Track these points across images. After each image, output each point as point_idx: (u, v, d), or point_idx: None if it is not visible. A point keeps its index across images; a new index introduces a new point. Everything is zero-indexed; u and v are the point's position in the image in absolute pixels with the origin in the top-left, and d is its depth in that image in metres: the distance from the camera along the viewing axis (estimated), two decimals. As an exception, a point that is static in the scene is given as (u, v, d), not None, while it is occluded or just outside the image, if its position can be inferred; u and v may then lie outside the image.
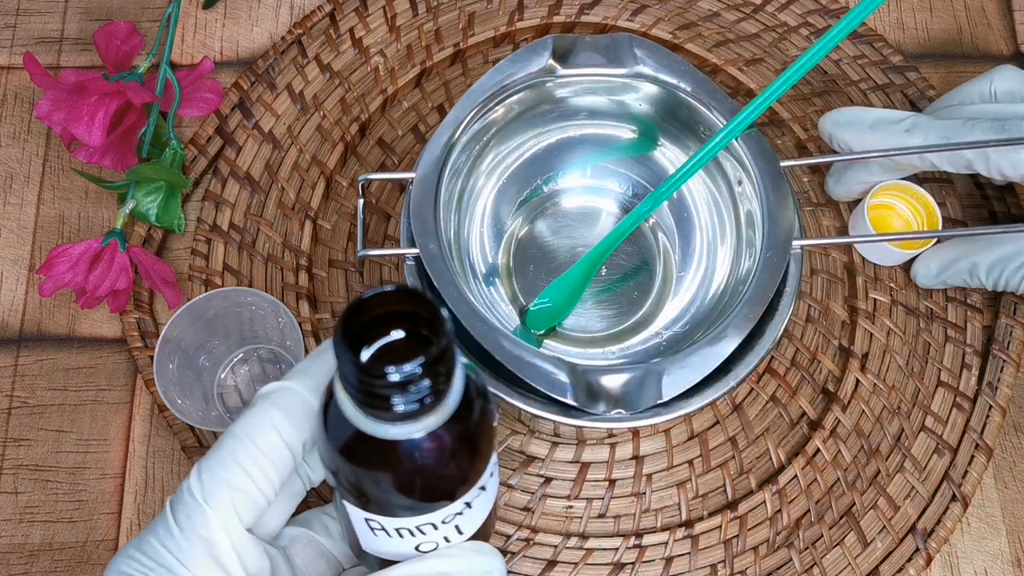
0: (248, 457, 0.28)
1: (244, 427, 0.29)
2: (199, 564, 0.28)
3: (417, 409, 0.25)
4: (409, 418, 0.25)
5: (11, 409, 0.49)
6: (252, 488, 0.29)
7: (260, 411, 0.29)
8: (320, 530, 0.33)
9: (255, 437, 0.29)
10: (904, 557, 0.47)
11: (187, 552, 0.28)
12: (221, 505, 0.28)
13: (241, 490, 0.28)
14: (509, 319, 0.47)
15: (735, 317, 0.41)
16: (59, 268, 0.48)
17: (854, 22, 0.38)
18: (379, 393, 0.25)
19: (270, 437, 0.29)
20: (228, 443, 0.29)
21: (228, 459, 0.28)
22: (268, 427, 0.29)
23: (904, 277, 0.52)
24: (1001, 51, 0.59)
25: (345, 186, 0.54)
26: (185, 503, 0.28)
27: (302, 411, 0.29)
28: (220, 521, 0.28)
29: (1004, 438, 0.51)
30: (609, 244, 0.46)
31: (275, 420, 0.29)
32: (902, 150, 0.45)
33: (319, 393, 0.29)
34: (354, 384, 0.25)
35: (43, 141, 0.55)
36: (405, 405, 0.25)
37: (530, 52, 0.45)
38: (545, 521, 0.48)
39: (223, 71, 0.57)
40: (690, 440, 0.49)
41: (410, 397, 0.25)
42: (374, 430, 0.26)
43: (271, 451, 0.29)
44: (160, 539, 0.28)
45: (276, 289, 0.51)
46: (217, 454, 0.29)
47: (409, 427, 0.26)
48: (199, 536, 0.28)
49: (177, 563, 0.28)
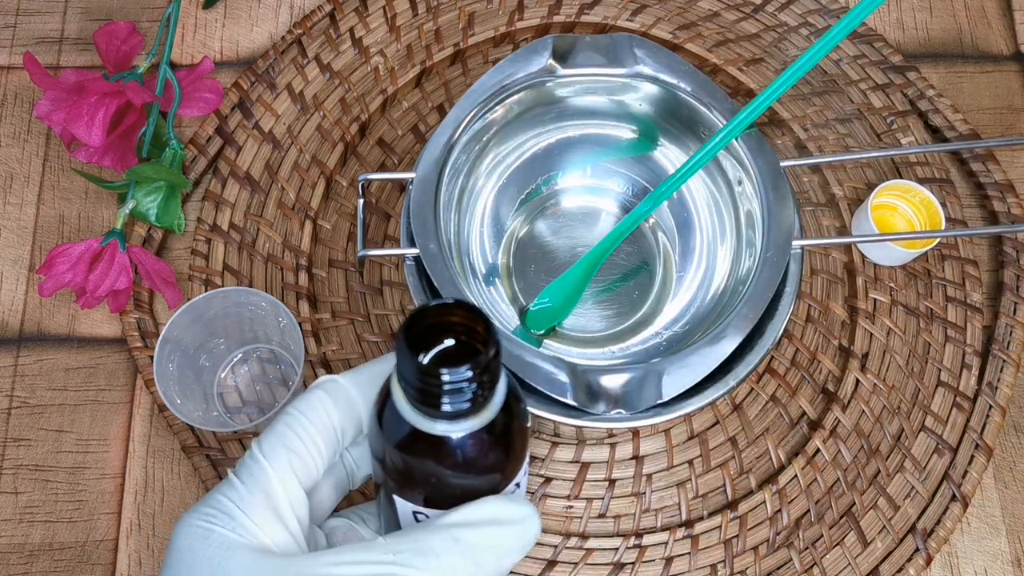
0: (302, 428, 0.32)
1: (298, 406, 0.32)
2: (257, 511, 0.30)
3: (465, 409, 0.28)
4: (457, 417, 0.28)
5: (11, 409, 0.49)
6: (305, 453, 0.31)
7: (312, 395, 0.32)
8: (358, 521, 0.36)
9: (307, 413, 0.32)
10: (904, 557, 0.47)
11: (247, 501, 0.30)
12: (279, 463, 0.31)
13: (297, 453, 0.31)
14: (509, 319, 0.47)
15: (735, 317, 0.41)
16: (59, 268, 0.48)
17: (854, 22, 0.38)
18: (432, 392, 0.28)
19: (320, 415, 0.32)
20: (283, 419, 0.32)
21: (284, 429, 0.32)
22: (318, 406, 0.32)
23: (904, 277, 0.52)
24: (1001, 51, 0.59)
25: (345, 186, 0.54)
26: (247, 464, 0.31)
27: (346, 402, 0.32)
28: (278, 476, 0.31)
29: (1004, 438, 0.51)
30: (609, 244, 0.46)
31: (325, 404, 0.32)
32: (901, 150, 0.45)
33: (364, 393, 0.33)
34: (412, 383, 0.28)
35: (43, 141, 0.55)
36: (454, 405, 0.28)
37: (530, 52, 0.45)
38: (545, 521, 0.48)
39: (223, 71, 0.57)
40: (690, 440, 0.49)
41: (459, 398, 0.28)
42: (425, 426, 0.29)
43: (321, 426, 0.32)
44: (223, 493, 0.31)
45: (276, 289, 0.51)
46: (274, 427, 0.32)
47: (456, 425, 0.29)
48: (259, 488, 0.31)
49: (238, 510, 0.30)
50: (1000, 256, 0.54)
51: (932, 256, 0.53)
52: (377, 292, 0.51)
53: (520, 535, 0.31)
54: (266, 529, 0.30)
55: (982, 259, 0.54)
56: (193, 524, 0.30)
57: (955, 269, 0.53)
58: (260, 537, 0.30)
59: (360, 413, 0.33)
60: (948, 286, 0.52)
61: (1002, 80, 0.58)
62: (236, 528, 0.30)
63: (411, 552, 0.29)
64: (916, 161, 0.55)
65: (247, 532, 0.30)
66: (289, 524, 0.31)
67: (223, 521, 0.30)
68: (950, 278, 0.53)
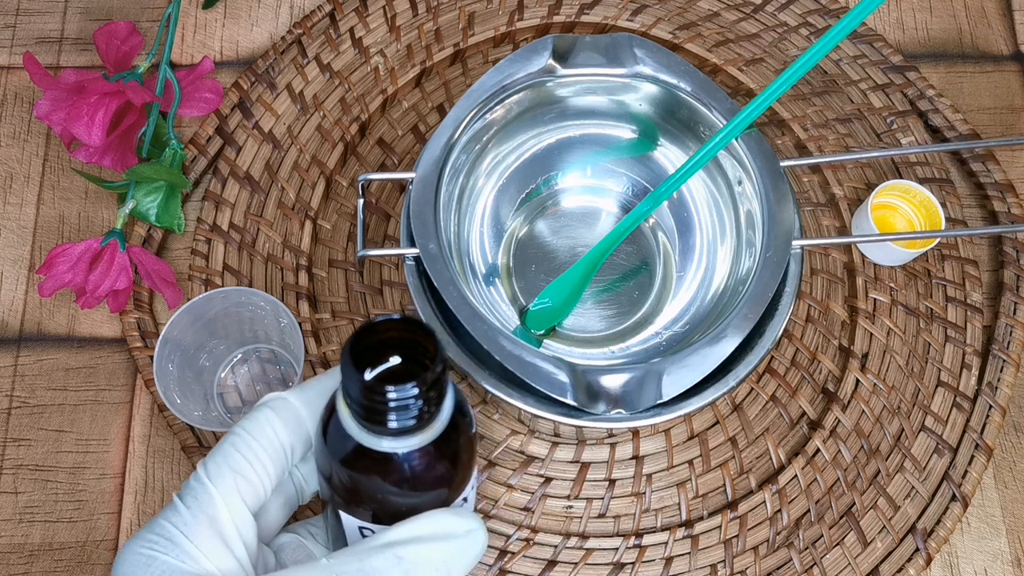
0: (248, 448, 0.31)
1: (244, 426, 0.32)
2: (202, 537, 0.30)
3: (411, 426, 0.28)
4: (403, 433, 0.28)
5: (11, 409, 0.49)
6: (252, 475, 0.31)
7: (259, 414, 0.32)
8: (307, 536, 0.35)
9: (254, 433, 0.32)
10: (904, 557, 0.47)
11: (192, 526, 0.30)
12: (225, 486, 0.30)
13: (243, 475, 0.31)
14: (509, 319, 0.47)
15: (735, 317, 0.41)
16: (59, 268, 0.48)
17: (854, 22, 0.38)
18: (378, 409, 0.27)
19: (267, 433, 0.32)
20: (229, 439, 0.32)
21: (230, 450, 0.31)
22: (265, 425, 0.32)
23: (904, 277, 0.52)
24: (1001, 51, 0.59)
25: (345, 186, 0.54)
26: (192, 487, 0.31)
27: (295, 420, 0.32)
28: (224, 500, 0.30)
29: (1004, 438, 0.51)
30: (609, 244, 0.46)
31: (272, 422, 0.32)
32: (901, 150, 0.45)
33: (312, 409, 0.32)
34: (356, 400, 0.28)
35: (43, 141, 0.55)
36: (400, 422, 0.28)
37: (530, 52, 0.45)
38: (545, 521, 0.48)
39: (223, 71, 0.57)
40: (690, 440, 0.49)
41: (405, 415, 0.28)
42: (371, 443, 0.29)
43: (268, 445, 0.32)
44: (167, 518, 0.30)
45: (276, 289, 0.51)
46: (220, 448, 0.31)
47: (403, 442, 0.29)
48: (204, 512, 0.30)
49: (181, 536, 0.30)
50: (1000, 256, 0.54)
51: (932, 256, 0.53)
52: (377, 292, 0.51)
53: (465, 549, 0.30)
54: (211, 555, 0.30)
55: (982, 259, 0.54)
56: (136, 552, 0.29)
57: (955, 269, 0.53)
58: (204, 564, 0.29)
59: (308, 430, 0.32)
60: (948, 286, 0.52)
61: (1002, 80, 0.58)
62: (179, 555, 0.29)
63: (354, 572, 0.29)
64: (916, 161, 0.55)
65: (191, 559, 0.29)
66: (235, 549, 0.30)
67: (166, 548, 0.29)
68: (950, 278, 0.53)
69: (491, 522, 0.47)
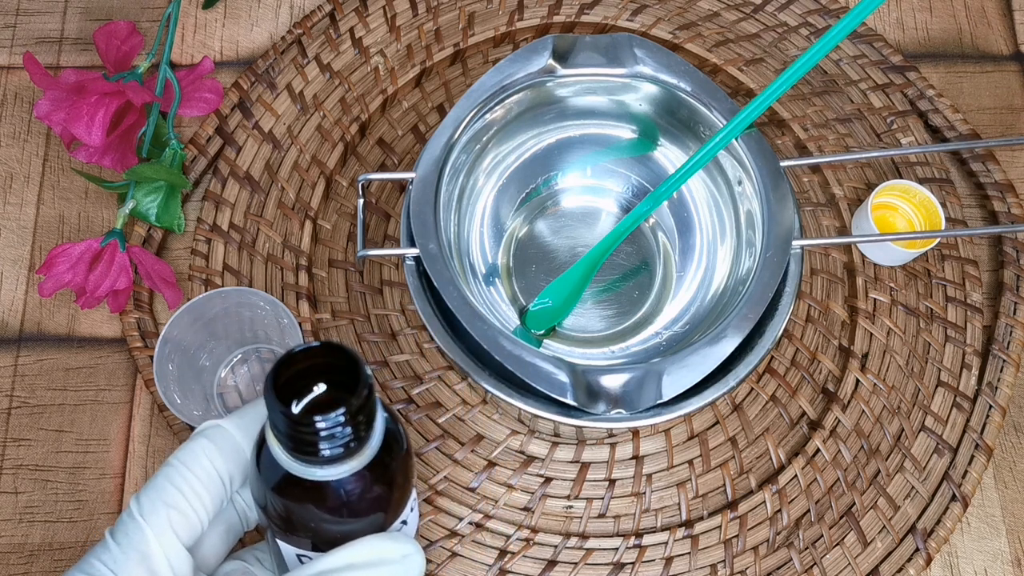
0: (183, 481, 0.31)
1: (179, 457, 0.31)
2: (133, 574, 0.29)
3: (341, 453, 0.28)
4: (334, 461, 0.28)
5: (11, 409, 0.49)
6: (187, 508, 0.31)
7: (194, 444, 0.32)
8: (253, 562, 0.35)
9: (189, 465, 0.31)
10: (904, 557, 0.47)
11: (122, 564, 0.29)
12: (157, 522, 0.30)
13: (177, 509, 0.30)
14: (509, 319, 0.47)
15: (735, 317, 0.41)
16: (59, 268, 0.48)
17: (854, 22, 0.38)
18: (307, 440, 0.27)
19: (203, 465, 0.31)
20: (164, 471, 0.31)
21: (164, 483, 0.31)
22: (201, 456, 0.31)
23: (904, 277, 0.52)
24: (1001, 51, 0.59)
25: (345, 186, 0.54)
26: (124, 523, 0.30)
27: (232, 448, 0.32)
28: (156, 535, 0.30)
29: (1004, 438, 0.51)
30: (609, 244, 0.46)
31: (208, 451, 0.32)
32: (901, 150, 0.45)
33: (249, 435, 0.32)
34: (284, 432, 0.27)
35: (43, 141, 0.55)
36: (330, 450, 0.28)
37: (530, 52, 0.45)
38: (545, 521, 0.48)
39: (223, 71, 0.57)
40: (690, 440, 0.49)
41: (335, 443, 0.27)
42: (302, 472, 0.28)
43: (204, 477, 0.31)
44: (97, 556, 0.30)
45: (276, 289, 0.51)
46: (154, 481, 0.31)
47: (334, 469, 0.28)
48: (135, 549, 0.30)
49: (111, 574, 0.29)
50: (1000, 256, 0.54)
51: (932, 256, 0.53)
52: (377, 292, 0.51)
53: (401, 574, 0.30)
54: None
55: (982, 259, 0.54)
56: None
57: (955, 269, 0.53)
58: None
59: (247, 456, 0.32)
60: (948, 286, 0.52)
61: (1002, 80, 0.58)
62: None
63: None
64: (916, 161, 0.55)
65: None
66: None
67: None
68: (950, 278, 0.53)
69: (491, 522, 0.47)
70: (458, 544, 0.47)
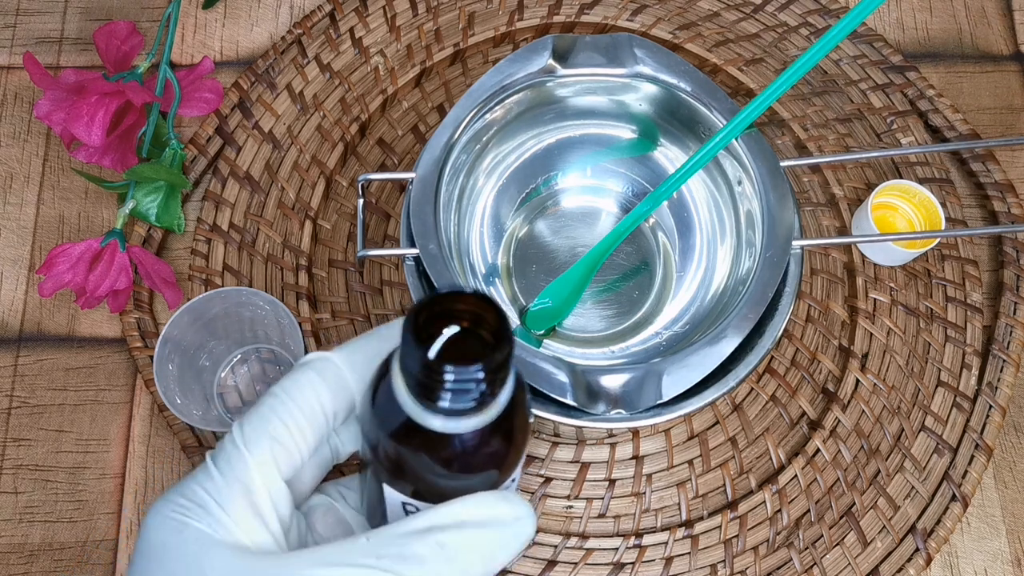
0: (287, 413, 0.29)
1: (284, 387, 0.30)
2: (235, 507, 0.28)
3: (470, 408, 0.26)
4: (460, 415, 0.26)
5: (11, 409, 0.49)
6: (290, 442, 0.29)
7: (300, 374, 0.30)
8: (338, 497, 0.34)
9: (295, 396, 0.30)
10: (904, 557, 0.47)
11: (225, 494, 0.28)
12: (261, 453, 0.29)
13: (281, 442, 0.29)
14: (509, 319, 0.47)
15: (735, 317, 0.41)
16: (59, 268, 0.48)
17: (854, 22, 0.38)
18: (436, 388, 0.26)
19: (308, 399, 0.30)
20: (268, 401, 0.30)
21: (269, 414, 0.29)
22: (307, 389, 0.30)
23: (904, 277, 0.52)
24: (1001, 51, 0.59)
25: (345, 186, 0.54)
26: (226, 451, 0.29)
27: (338, 383, 0.30)
28: (259, 468, 0.29)
29: (1004, 438, 0.51)
30: (609, 244, 0.46)
31: (314, 384, 0.30)
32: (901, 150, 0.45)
33: (358, 371, 0.30)
34: (414, 375, 0.26)
35: (43, 141, 0.55)
36: (459, 403, 0.26)
37: (530, 52, 0.45)
38: (545, 521, 0.48)
39: (223, 71, 0.57)
40: (690, 440, 0.49)
41: (467, 397, 0.26)
42: (425, 420, 0.27)
43: (309, 411, 0.30)
44: (200, 483, 0.28)
45: (276, 289, 0.51)
46: (258, 410, 0.29)
47: (459, 423, 0.27)
48: (238, 480, 0.28)
49: (214, 504, 0.28)
50: (1000, 256, 0.54)
51: (932, 256, 0.53)
52: (377, 292, 0.51)
53: (512, 538, 0.28)
54: (244, 526, 0.28)
55: (982, 259, 0.54)
56: (167, 516, 0.28)
57: (955, 269, 0.53)
58: (237, 535, 0.28)
59: (353, 394, 0.30)
60: (948, 286, 0.52)
61: (1002, 80, 0.58)
62: (212, 524, 0.28)
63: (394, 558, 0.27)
64: (916, 161, 0.55)
65: (223, 528, 0.28)
66: (269, 522, 0.29)
67: (198, 515, 0.28)
68: (950, 278, 0.53)
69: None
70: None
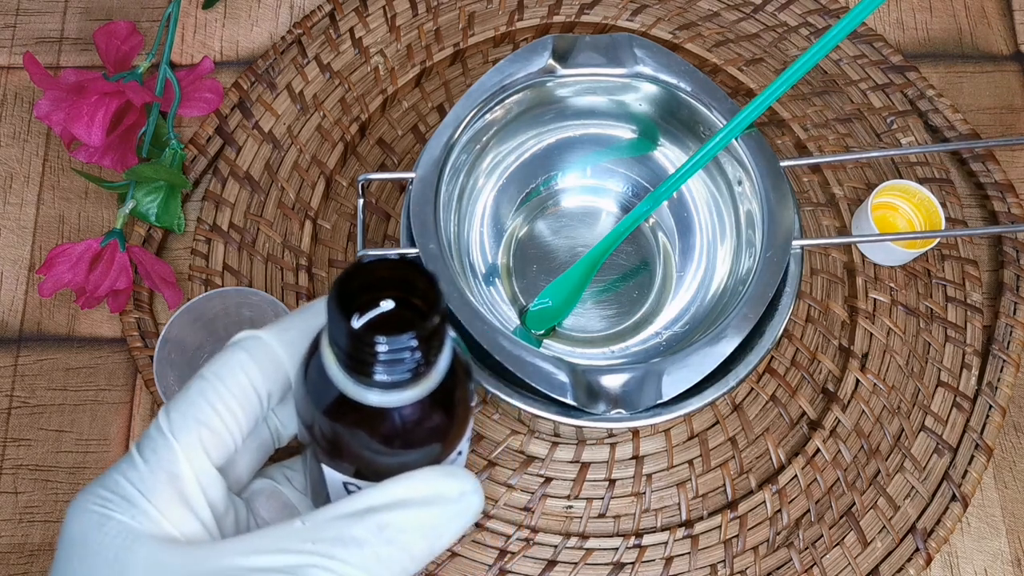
0: (217, 396, 0.28)
1: (213, 369, 0.28)
2: (161, 496, 0.27)
3: (405, 379, 0.25)
4: (395, 387, 0.25)
5: (11, 409, 0.49)
6: (220, 426, 0.28)
7: (229, 355, 0.29)
8: (282, 480, 0.32)
9: (224, 378, 0.28)
10: (904, 557, 0.47)
11: (149, 483, 0.27)
12: (188, 440, 0.27)
13: (209, 427, 0.28)
14: (509, 319, 0.47)
15: (735, 317, 0.41)
16: (59, 268, 0.48)
17: (854, 22, 0.38)
18: (368, 361, 0.24)
19: (239, 379, 0.28)
20: (197, 384, 0.28)
21: (197, 398, 0.28)
22: (237, 370, 0.28)
23: (904, 277, 0.52)
24: (1001, 51, 0.59)
25: (345, 186, 0.54)
26: (152, 438, 0.27)
27: (271, 361, 0.29)
28: (186, 455, 0.27)
29: (1004, 438, 0.51)
30: (609, 244, 0.46)
31: (244, 364, 0.28)
32: (901, 150, 0.45)
33: (292, 349, 0.29)
34: (344, 349, 0.25)
35: (43, 141, 0.55)
36: (393, 375, 0.25)
37: (530, 52, 0.45)
38: (545, 521, 0.48)
39: (223, 71, 0.57)
40: (690, 440, 0.49)
41: (399, 368, 0.25)
42: (360, 395, 0.26)
43: (239, 393, 0.28)
44: (123, 473, 0.27)
45: (276, 289, 0.51)
46: (185, 394, 0.28)
47: (395, 395, 0.26)
48: (164, 469, 0.27)
49: (139, 495, 0.27)
50: (1000, 256, 0.54)
51: (932, 256, 0.53)
52: (377, 292, 0.51)
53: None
54: (171, 516, 0.27)
55: (982, 259, 0.54)
56: (88, 509, 0.26)
57: (955, 269, 0.53)
58: (164, 526, 0.26)
59: (287, 372, 0.29)
60: (948, 286, 0.52)
61: (1002, 80, 0.58)
62: (136, 515, 0.26)
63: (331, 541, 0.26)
64: (916, 161, 0.55)
65: (149, 520, 0.26)
66: (199, 510, 0.27)
67: (121, 507, 0.26)
68: (950, 278, 0.53)
69: (491, 522, 0.47)
70: (458, 544, 0.47)
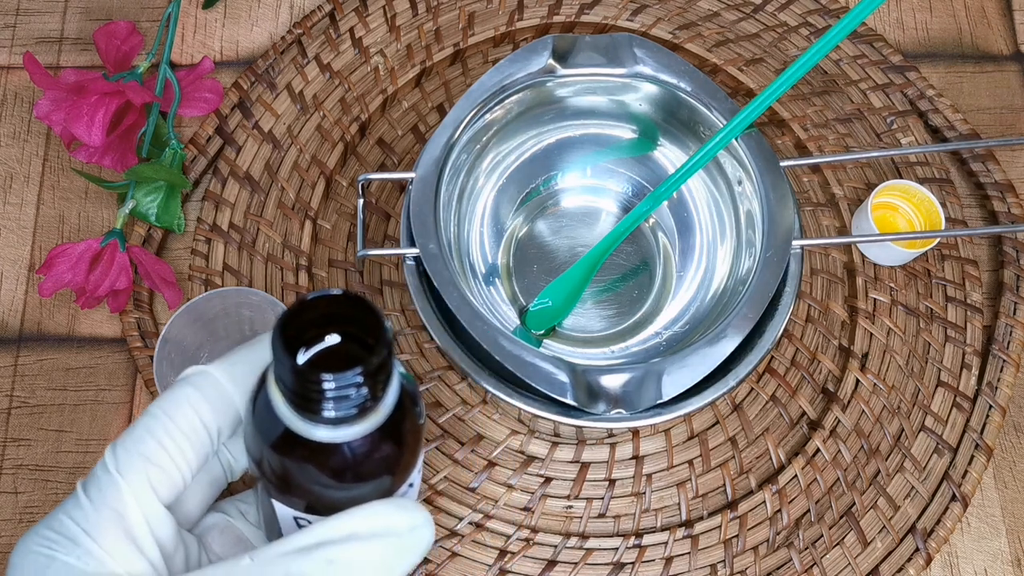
0: (164, 433, 0.28)
1: (161, 405, 0.28)
2: (107, 536, 0.26)
3: (352, 415, 0.25)
4: (343, 423, 0.25)
5: (11, 409, 0.49)
6: (168, 463, 0.27)
7: (177, 391, 0.28)
8: (236, 515, 0.32)
9: (172, 415, 0.28)
10: (904, 557, 0.47)
11: (95, 523, 0.26)
12: (135, 477, 0.27)
13: (157, 464, 0.27)
14: (509, 319, 0.48)
15: (735, 317, 0.41)
16: (59, 268, 0.48)
17: (854, 22, 0.38)
18: (315, 398, 0.25)
19: (187, 415, 0.28)
20: (144, 421, 0.28)
21: (143, 434, 0.28)
22: (185, 406, 0.28)
23: (904, 277, 0.52)
24: (1001, 51, 0.59)
25: (345, 186, 0.54)
26: (97, 477, 0.27)
27: (220, 396, 0.29)
28: (133, 492, 0.27)
29: (1004, 438, 0.51)
30: (609, 244, 0.46)
31: (192, 400, 0.28)
32: (901, 150, 0.45)
33: (240, 384, 0.29)
34: (289, 386, 0.25)
35: (43, 141, 0.55)
36: (340, 411, 0.25)
37: (530, 52, 0.45)
38: (545, 521, 0.48)
39: (223, 71, 0.57)
40: (690, 440, 0.49)
41: (346, 404, 0.25)
42: (306, 431, 0.26)
43: (188, 429, 0.28)
44: (68, 512, 0.27)
45: (276, 289, 0.51)
46: (132, 431, 0.28)
47: (343, 431, 0.26)
48: (109, 507, 0.27)
49: (83, 534, 0.26)
50: (1000, 256, 0.54)
51: (932, 256, 0.53)
52: (377, 292, 0.51)
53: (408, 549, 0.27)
54: (118, 556, 0.26)
55: (982, 259, 0.54)
56: (32, 551, 0.26)
57: (955, 269, 0.53)
58: (110, 565, 0.26)
59: (237, 407, 0.29)
60: (948, 286, 0.52)
61: (1002, 80, 0.58)
62: (81, 556, 0.26)
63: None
64: (916, 161, 0.55)
65: (94, 560, 0.26)
66: (146, 549, 0.27)
67: (66, 548, 0.26)
68: (950, 278, 0.53)
69: (491, 522, 0.47)
70: (458, 544, 0.47)
